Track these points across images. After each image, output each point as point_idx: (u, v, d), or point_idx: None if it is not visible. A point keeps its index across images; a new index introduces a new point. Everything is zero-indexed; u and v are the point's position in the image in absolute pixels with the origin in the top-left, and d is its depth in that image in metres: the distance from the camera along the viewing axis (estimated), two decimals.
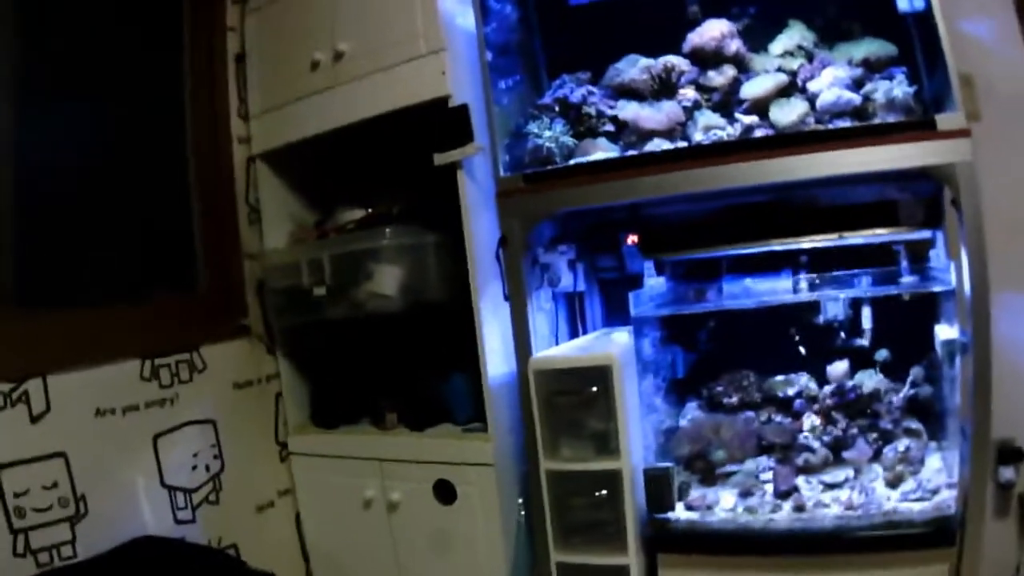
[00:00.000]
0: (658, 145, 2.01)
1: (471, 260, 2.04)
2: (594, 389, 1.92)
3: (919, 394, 2.07)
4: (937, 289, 1.93)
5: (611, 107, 2.11)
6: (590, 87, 2.15)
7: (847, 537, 1.89)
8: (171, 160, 2.29)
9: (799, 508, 1.96)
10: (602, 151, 2.06)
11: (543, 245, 2.21)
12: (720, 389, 2.17)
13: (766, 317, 2.12)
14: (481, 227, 2.09)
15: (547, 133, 2.07)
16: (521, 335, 2.03)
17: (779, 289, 2.03)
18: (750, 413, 2.13)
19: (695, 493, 2.05)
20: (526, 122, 2.12)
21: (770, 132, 1.96)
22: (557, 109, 2.14)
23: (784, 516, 1.95)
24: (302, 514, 2.44)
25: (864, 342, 2.13)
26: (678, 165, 1.93)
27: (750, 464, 2.04)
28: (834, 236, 1.98)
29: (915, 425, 2.06)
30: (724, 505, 2.00)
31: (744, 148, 1.90)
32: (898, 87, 1.91)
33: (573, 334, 2.36)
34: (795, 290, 2.00)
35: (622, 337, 2.13)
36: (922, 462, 2.01)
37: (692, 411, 2.19)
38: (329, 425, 2.41)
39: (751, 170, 1.88)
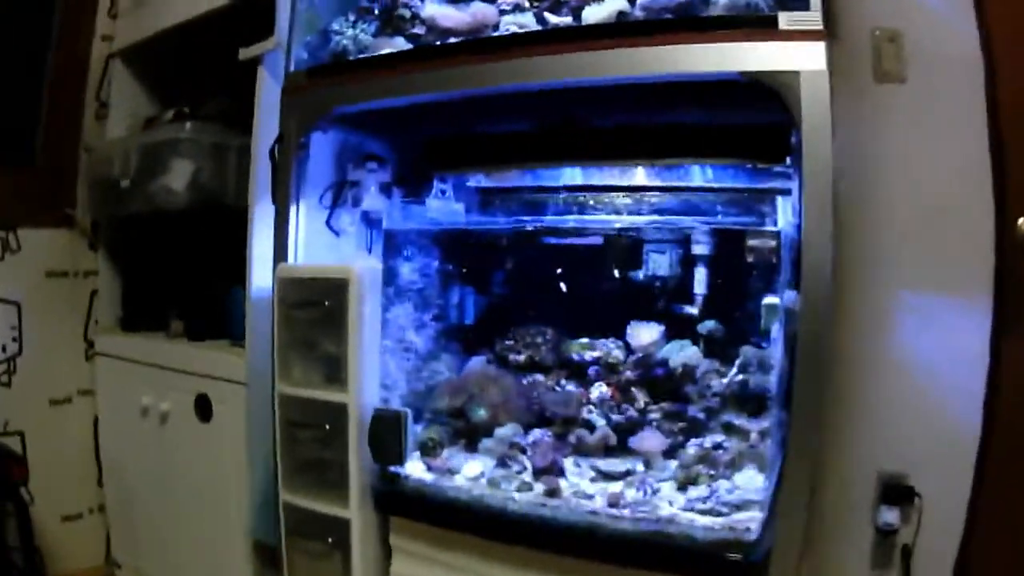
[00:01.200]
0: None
1: (254, 162, 1.60)
2: (327, 303, 1.34)
3: (750, 382, 1.41)
4: (763, 229, 1.29)
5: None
6: None
7: (598, 539, 1.19)
8: (32, 46, 1.98)
9: (551, 492, 1.26)
10: (394, 47, 1.59)
11: (354, 160, 1.76)
12: (508, 344, 1.50)
13: (577, 267, 1.49)
14: (274, 129, 1.65)
15: (348, 31, 1.63)
16: (279, 240, 1.45)
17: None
18: (539, 376, 1.47)
19: (447, 454, 1.41)
20: None
21: None
22: (377, 12, 1.71)
23: (530, 498, 1.25)
24: (100, 417, 2.01)
25: (692, 310, 1.48)
26: (457, 60, 1.43)
27: (506, 430, 1.36)
28: (646, 162, 1.39)
29: (739, 421, 1.36)
30: (469, 472, 1.33)
31: (532, 41, 1.34)
32: None
33: None
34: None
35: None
36: (733, 466, 1.33)
37: (476, 367, 1.52)
38: (133, 328, 1.99)
39: (539, 66, 1.33)
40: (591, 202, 1.38)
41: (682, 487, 1.26)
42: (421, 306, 1.48)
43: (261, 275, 1.55)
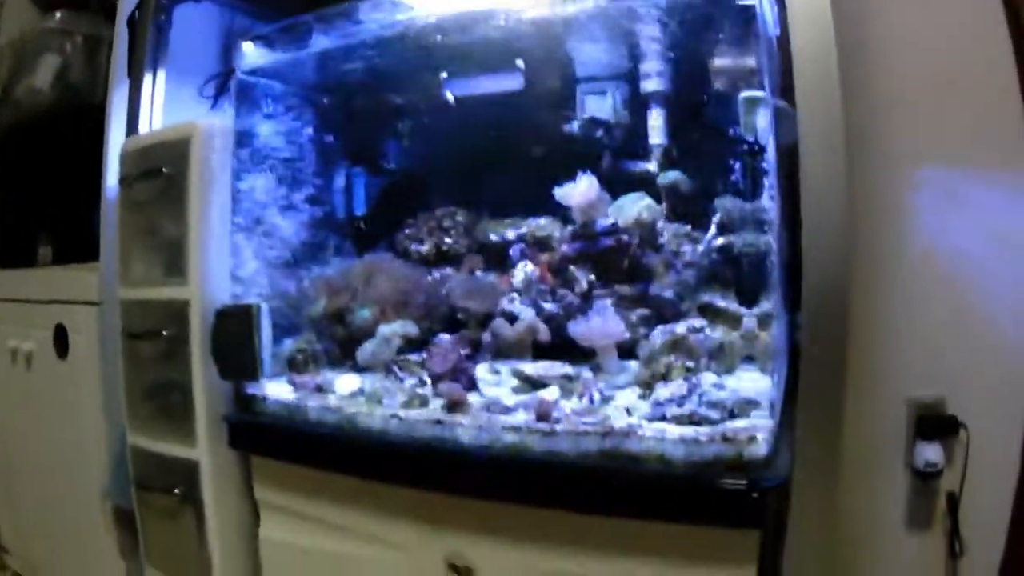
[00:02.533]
0: None
1: (116, 40, 1.07)
2: (165, 171, 0.84)
3: (736, 246, 0.86)
4: None
5: None
6: None
7: (520, 467, 0.66)
8: None
9: (454, 405, 0.72)
10: None
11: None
12: (408, 232, 0.97)
13: (494, 126, 0.95)
14: None
15: None
16: (131, 115, 0.98)
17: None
18: (448, 270, 0.93)
19: (328, 371, 0.88)
20: None
21: None
22: None
23: (422, 415, 0.73)
24: None
25: (647, 165, 0.95)
26: None
27: (392, 327, 0.82)
28: None
29: (724, 303, 0.82)
30: (344, 388, 0.81)
31: None
32: None
33: None
34: None
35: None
36: (721, 359, 0.77)
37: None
38: (6, 263, 1.38)
39: None
40: None
41: (647, 390, 0.72)
42: (289, 181, 0.95)
43: (115, 168, 1.06)
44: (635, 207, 0.81)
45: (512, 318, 0.81)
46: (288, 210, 0.94)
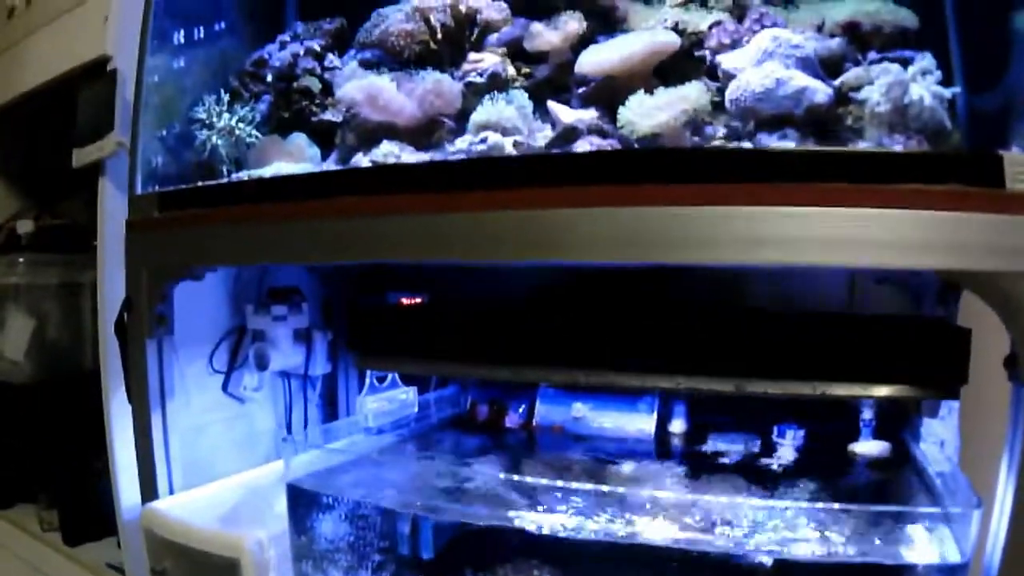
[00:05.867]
0: (389, 155, 0.83)
1: (102, 323, 0.94)
2: None
3: None
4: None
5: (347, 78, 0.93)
6: (318, 43, 0.97)
7: None
8: None
9: None
10: (291, 156, 0.88)
11: (256, 300, 1.06)
12: None
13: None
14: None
15: (220, 119, 0.93)
16: (146, 464, 0.83)
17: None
18: None
19: None
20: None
21: (610, 145, 0.74)
22: (268, 79, 1.00)
23: None
24: None
25: None
26: (391, 202, 0.73)
27: None
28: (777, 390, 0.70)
29: None
30: None
31: (502, 179, 0.64)
32: (922, 83, 0.62)
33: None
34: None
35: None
36: None
37: None
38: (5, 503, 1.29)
39: (539, 227, 0.64)
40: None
41: None
42: (355, 566, 0.80)
43: (132, 493, 0.93)
44: None
45: None
46: None
